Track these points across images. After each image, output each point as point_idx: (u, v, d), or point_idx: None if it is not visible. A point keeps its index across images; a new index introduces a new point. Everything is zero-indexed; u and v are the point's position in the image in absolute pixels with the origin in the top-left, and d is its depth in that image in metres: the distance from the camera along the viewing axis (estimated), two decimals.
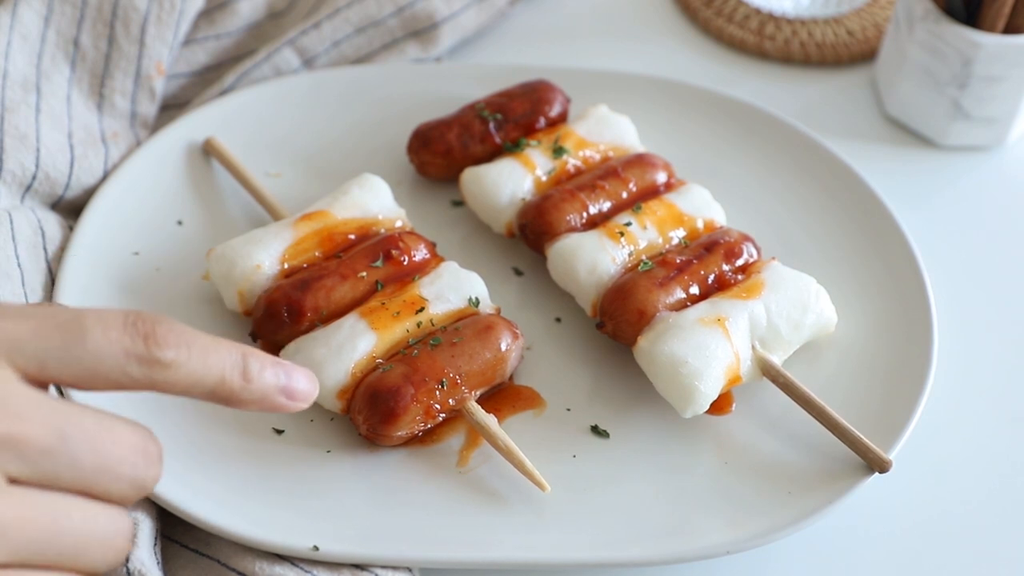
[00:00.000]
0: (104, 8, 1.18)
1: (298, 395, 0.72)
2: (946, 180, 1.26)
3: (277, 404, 0.72)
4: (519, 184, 1.11)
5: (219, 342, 0.69)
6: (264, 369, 0.70)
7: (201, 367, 0.68)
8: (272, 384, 0.71)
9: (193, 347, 0.67)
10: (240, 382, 0.69)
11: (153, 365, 0.66)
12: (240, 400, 0.70)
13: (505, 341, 1.00)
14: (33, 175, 1.10)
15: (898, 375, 1.03)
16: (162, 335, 0.66)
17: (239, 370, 0.69)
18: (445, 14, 1.28)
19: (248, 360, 0.70)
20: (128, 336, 0.66)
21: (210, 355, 0.68)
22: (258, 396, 0.70)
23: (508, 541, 0.94)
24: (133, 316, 0.66)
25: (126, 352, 0.65)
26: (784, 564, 0.97)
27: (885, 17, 1.38)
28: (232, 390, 0.69)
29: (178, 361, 0.67)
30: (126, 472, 0.66)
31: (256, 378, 0.70)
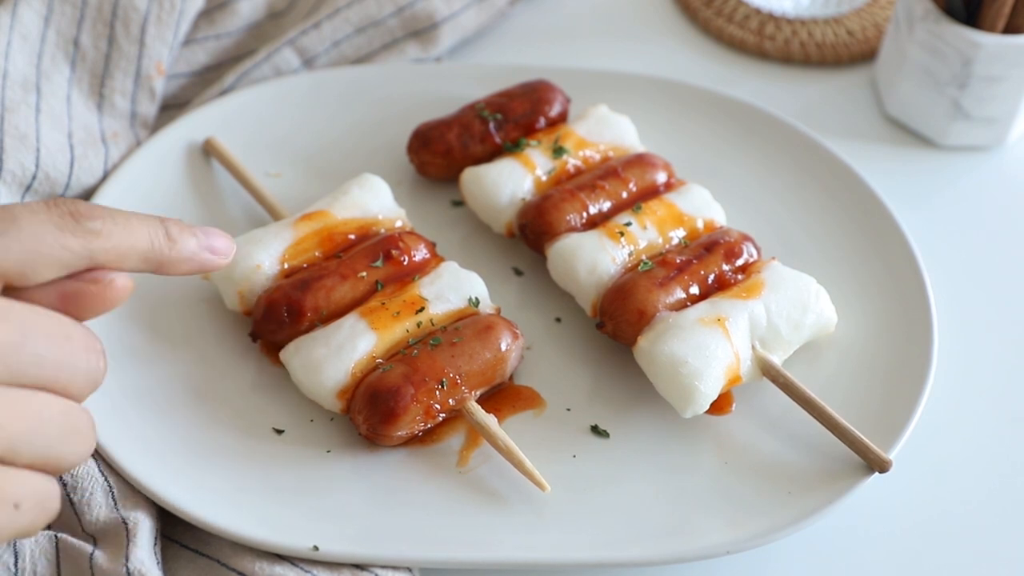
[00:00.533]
0: (104, 8, 1.18)
1: (220, 250, 0.79)
2: (946, 180, 1.26)
3: (204, 260, 0.77)
4: (519, 184, 1.11)
5: (136, 213, 0.74)
6: (183, 231, 0.76)
7: (128, 233, 0.72)
8: (195, 243, 0.77)
9: (116, 217, 0.72)
10: (167, 243, 0.75)
11: (87, 235, 0.70)
12: (171, 261, 0.75)
13: (505, 341, 1.00)
14: (33, 175, 1.10)
15: (898, 375, 1.03)
16: (85, 209, 0.71)
17: (163, 232, 0.75)
18: (445, 14, 1.29)
19: (168, 224, 0.75)
20: (55, 214, 0.70)
21: (132, 223, 0.73)
22: (187, 255, 0.76)
23: (508, 541, 0.94)
24: (54, 200, 0.71)
25: (58, 227, 0.69)
26: (784, 564, 0.97)
27: (885, 17, 1.38)
28: (162, 251, 0.74)
29: (106, 229, 0.71)
30: (82, 366, 0.70)
31: (179, 238, 0.76)
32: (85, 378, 0.70)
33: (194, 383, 1.02)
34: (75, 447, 0.70)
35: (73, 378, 0.69)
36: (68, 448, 0.69)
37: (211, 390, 1.02)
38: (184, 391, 1.02)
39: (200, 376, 1.03)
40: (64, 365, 0.69)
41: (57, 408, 0.68)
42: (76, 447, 0.70)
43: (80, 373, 0.70)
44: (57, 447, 0.68)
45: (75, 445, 0.70)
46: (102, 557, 0.88)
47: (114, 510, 0.92)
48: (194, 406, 1.01)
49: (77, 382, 0.70)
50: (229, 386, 1.02)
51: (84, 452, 0.71)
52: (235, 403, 1.01)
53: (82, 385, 0.70)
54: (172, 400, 1.01)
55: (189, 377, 1.02)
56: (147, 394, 1.01)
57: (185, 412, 1.00)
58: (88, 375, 0.70)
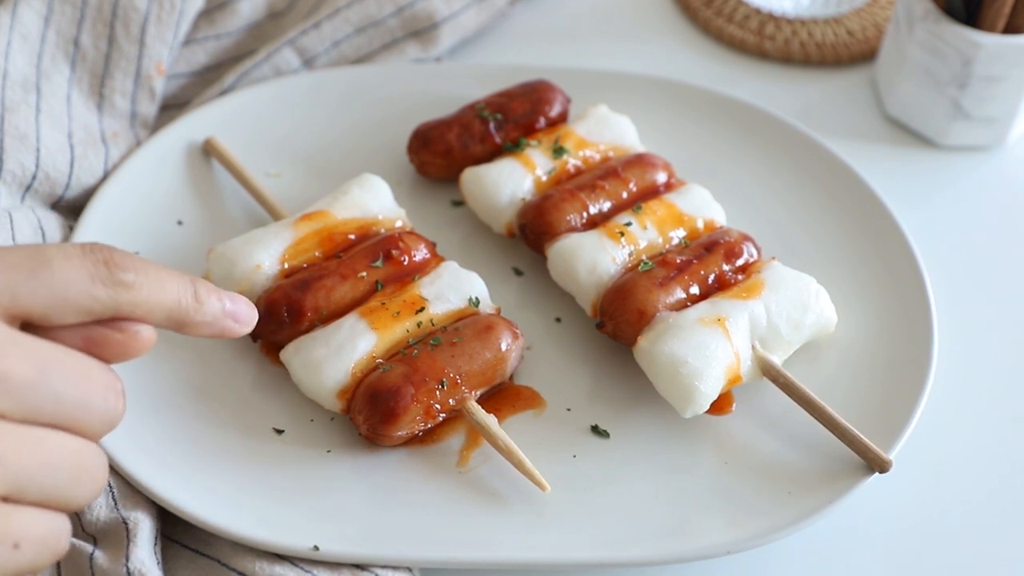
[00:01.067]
0: (104, 8, 1.18)
1: (242, 318, 0.77)
2: (946, 180, 1.26)
3: (226, 327, 0.76)
4: (519, 184, 1.11)
5: (169, 269, 0.73)
6: (211, 294, 0.75)
7: (159, 289, 0.71)
8: (219, 308, 0.76)
9: (149, 271, 0.71)
10: (193, 304, 0.74)
11: (117, 286, 0.69)
12: (194, 323, 0.74)
13: (505, 341, 1.00)
14: (33, 175, 1.10)
15: (898, 375, 1.03)
16: (119, 259, 0.70)
17: (191, 293, 0.74)
18: (445, 14, 1.29)
19: (197, 285, 0.74)
20: (89, 261, 0.69)
21: (164, 279, 0.72)
22: (210, 318, 0.75)
23: (508, 541, 0.94)
24: (90, 245, 0.70)
25: (90, 275, 0.68)
26: (784, 564, 0.97)
27: (885, 17, 1.38)
28: (187, 312, 0.73)
29: (138, 283, 0.70)
30: (99, 406, 0.69)
31: (206, 301, 0.75)
32: (102, 418, 0.70)
33: (194, 383, 1.02)
34: (84, 488, 0.69)
35: (90, 418, 0.69)
36: (77, 489, 0.69)
37: (211, 390, 1.02)
38: (184, 391, 1.02)
39: (200, 376, 1.03)
40: (82, 404, 0.68)
41: (70, 448, 0.68)
42: (85, 488, 0.69)
43: (97, 413, 0.69)
44: (65, 488, 0.68)
45: (84, 486, 0.69)
46: (102, 557, 0.88)
47: (114, 510, 0.92)
48: (194, 406, 1.01)
49: (93, 422, 0.69)
50: (229, 386, 1.02)
51: (93, 493, 0.70)
52: (235, 403, 1.01)
53: (98, 425, 0.70)
54: (172, 400, 1.01)
55: (189, 377, 1.02)
56: (147, 394, 1.01)
57: (185, 412, 1.00)
58: (105, 415, 0.70)
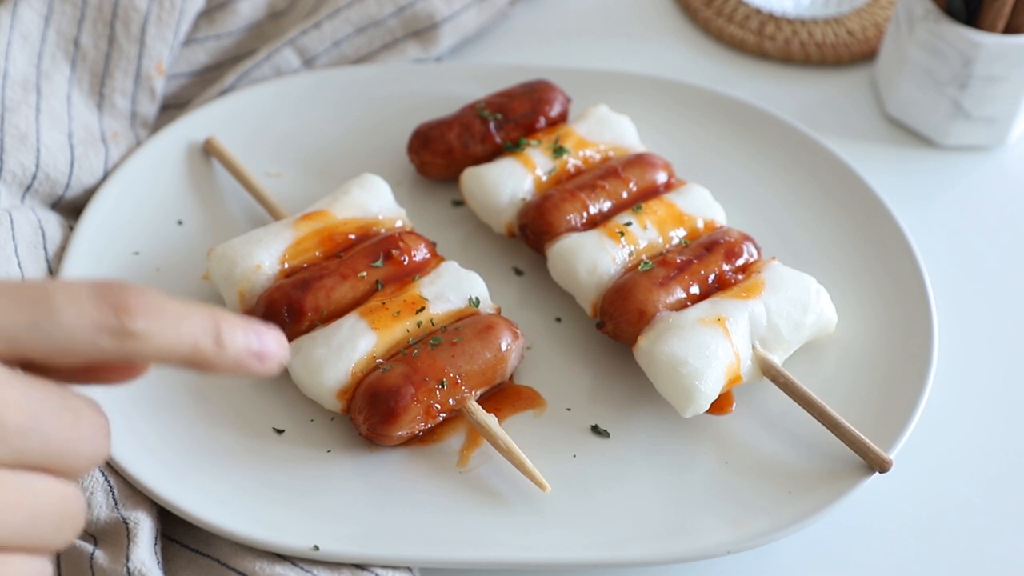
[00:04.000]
0: (104, 8, 1.18)
1: (269, 358, 0.70)
2: (946, 180, 1.26)
3: (249, 368, 0.70)
4: (519, 184, 1.11)
5: (190, 309, 0.67)
6: (236, 334, 0.68)
7: (174, 336, 0.65)
8: (244, 348, 0.69)
9: (165, 316, 0.65)
10: (214, 348, 0.67)
11: (125, 337, 0.64)
12: (214, 366, 0.68)
13: (505, 341, 1.00)
14: (33, 175, 1.10)
15: (898, 375, 1.03)
16: (133, 305, 0.64)
17: (212, 337, 0.67)
18: (445, 14, 1.29)
19: (221, 326, 0.68)
20: (98, 308, 0.63)
21: (182, 323, 0.66)
22: (231, 362, 0.68)
23: (508, 541, 0.94)
24: (101, 287, 0.64)
25: (97, 325, 0.63)
26: (785, 564, 0.97)
27: (885, 17, 1.38)
28: (206, 357, 0.67)
29: (150, 331, 0.64)
30: (87, 450, 0.65)
31: (229, 344, 0.68)
32: (88, 460, 0.66)
33: (194, 383, 1.02)
34: (65, 534, 0.66)
35: (76, 461, 0.66)
36: (59, 535, 0.66)
37: (211, 390, 1.02)
38: (184, 391, 1.02)
39: (200, 376, 1.03)
40: (70, 449, 0.65)
41: (56, 496, 0.65)
42: (66, 534, 0.66)
43: (84, 456, 0.66)
44: (48, 535, 0.65)
45: (66, 532, 0.66)
46: (102, 557, 0.88)
47: (114, 510, 0.92)
48: (194, 406, 1.01)
49: (79, 465, 0.66)
50: (229, 386, 1.02)
51: (73, 537, 0.67)
52: (235, 403, 1.01)
53: (84, 467, 0.66)
54: (172, 400, 1.01)
55: (189, 377, 1.02)
56: (147, 394, 1.01)
57: (185, 412, 1.00)
58: (91, 457, 0.66)
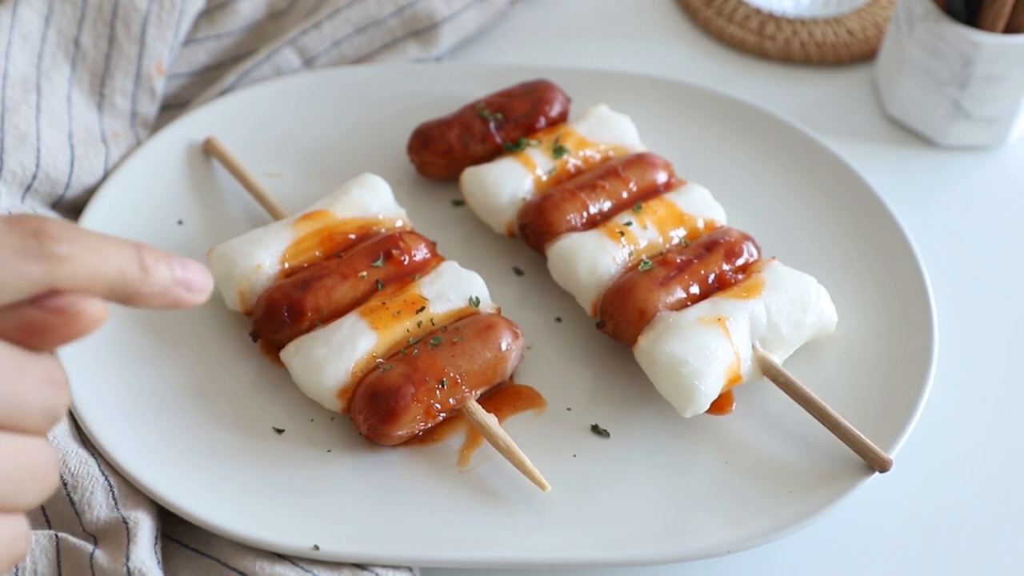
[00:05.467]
0: (104, 8, 1.18)
1: (196, 286, 0.69)
2: (946, 180, 1.26)
3: (178, 297, 0.68)
4: (519, 184, 1.11)
5: (111, 237, 0.66)
6: (160, 262, 0.68)
7: (99, 260, 0.64)
8: (170, 276, 0.68)
9: (86, 240, 0.64)
10: (139, 274, 0.66)
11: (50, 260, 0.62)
12: (141, 294, 0.67)
13: (505, 341, 1.00)
14: (33, 175, 1.10)
15: (898, 375, 1.03)
16: (52, 230, 0.63)
17: (136, 261, 0.66)
18: (445, 14, 1.29)
19: (144, 252, 0.67)
20: (16, 235, 0.62)
21: (105, 247, 0.65)
22: (159, 288, 0.67)
23: (508, 541, 0.93)
24: (17, 216, 0.63)
25: (18, 251, 0.62)
26: (785, 564, 0.97)
27: (885, 17, 1.38)
28: (133, 283, 0.66)
29: (72, 254, 0.63)
30: (36, 402, 0.64)
31: (154, 269, 0.67)
32: (41, 414, 0.64)
33: (194, 383, 1.02)
34: (32, 489, 0.65)
35: (28, 414, 0.64)
36: (24, 491, 0.65)
37: (211, 390, 1.02)
38: (184, 391, 1.02)
39: (200, 376, 1.03)
40: (16, 403, 0.63)
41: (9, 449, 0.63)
42: (33, 489, 0.65)
43: (35, 409, 0.64)
44: (11, 492, 0.64)
45: (31, 487, 0.65)
46: (103, 557, 0.88)
47: (114, 510, 0.92)
48: (194, 406, 1.01)
49: (33, 419, 0.64)
50: (229, 386, 1.02)
51: (42, 492, 0.66)
52: (235, 403, 1.01)
53: (39, 421, 0.64)
54: (172, 400, 1.01)
55: (189, 377, 1.02)
56: (147, 394, 1.01)
57: (185, 412, 1.00)
58: (44, 410, 0.64)
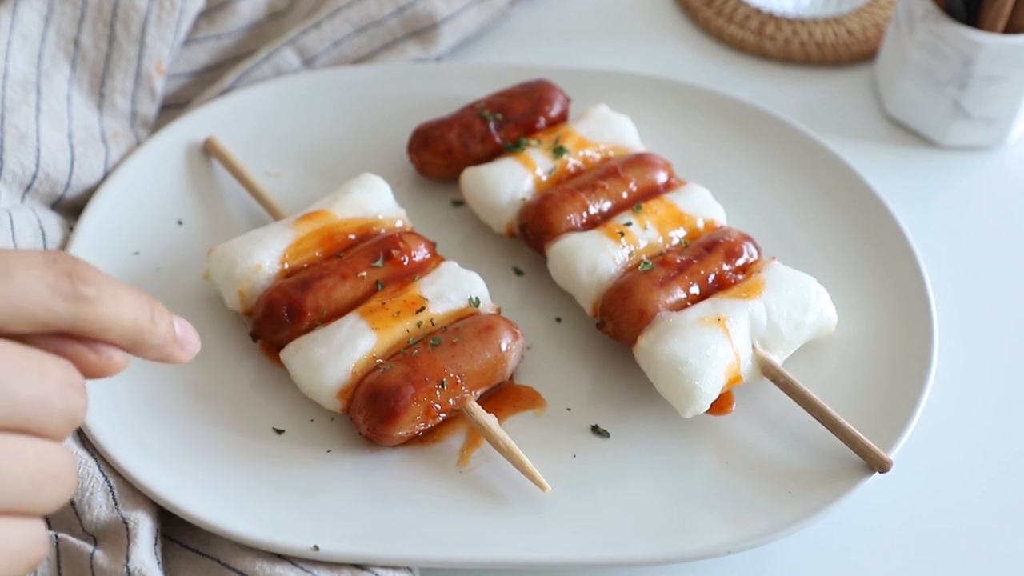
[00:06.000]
0: (104, 8, 1.18)
1: (188, 346, 0.74)
2: (946, 180, 1.26)
3: (171, 353, 0.73)
4: (519, 184, 1.11)
5: (128, 287, 0.70)
6: (164, 317, 0.72)
7: (118, 307, 0.68)
8: (171, 333, 0.73)
9: (111, 287, 0.68)
10: (149, 326, 0.71)
11: (78, 300, 0.66)
12: (145, 345, 0.71)
13: (505, 341, 1.00)
14: (33, 175, 1.10)
15: (898, 375, 1.03)
16: (83, 272, 0.67)
17: (148, 314, 0.71)
18: (445, 14, 1.29)
19: (154, 307, 0.72)
20: (52, 272, 0.66)
21: (123, 298, 0.69)
22: (160, 342, 0.72)
23: (508, 541, 0.94)
24: (53, 254, 0.67)
25: (51, 287, 0.66)
26: (785, 564, 0.97)
27: (885, 17, 1.38)
28: (142, 333, 0.70)
29: (100, 298, 0.67)
30: (58, 404, 0.66)
31: (160, 324, 0.72)
32: (62, 417, 0.66)
33: (194, 383, 1.02)
34: (51, 492, 0.66)
35: (50, 417, 0.66)
36: (43, 494, 0.66)
37: (211, 390, 1.02)
38: (184, 391, 1.02)
39: (200, 376, 1.03)
40: (40, 403, 0.65)
41: (33, 453, 0.65)
42: (52, 492, 0.66)
43: (56, 412, 0.66)
44: (30, 494, 0.65)
45: (50, 490, 0.66)
46: (102, 557, 0.88)
47: (114, 510, 0.92)
48: (194, 406, 1.01)
49: (54, 422, 0.66)
50: (229, 386, 1.02)
51: (61, 497, 0.67)
52: (235, 403, 1.01)
53: (59, 424, 0.66)
54: (172, 400, 1.01)
55: (189, 377, 1.02)
56: (147, 394, 1.01)
57: (185, 412, 1.00)
58: (65, 414, 0.66)
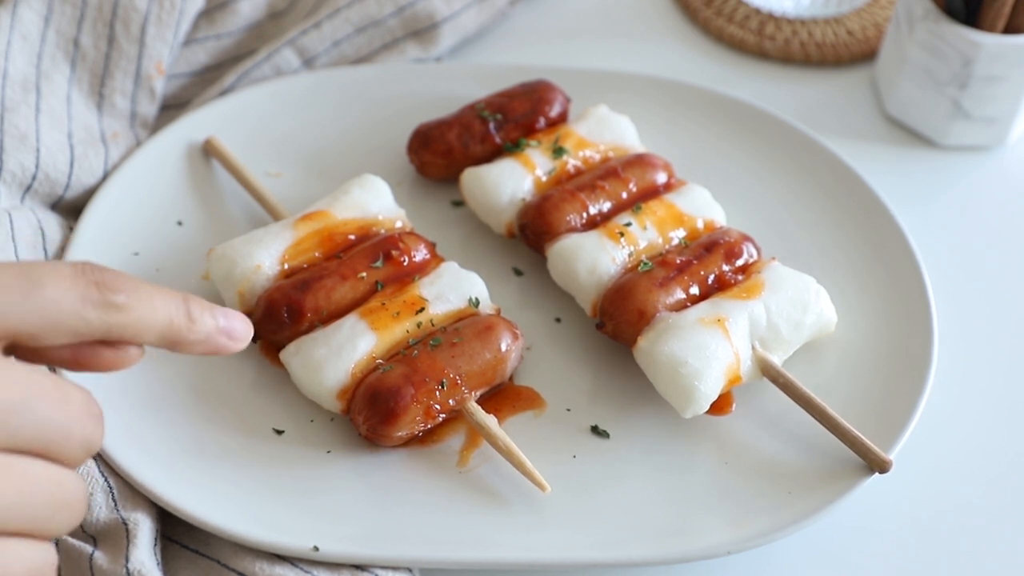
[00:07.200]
0: (104, 8, 1.18)
1: (237, 335, 0.75)
2: (946, 180, 1.26)
3: (220, 345, 0.74)
4: (519, 184, 1.11)
5: (161, 288, 0.72)
6: (204, 312, 0.73)
7: (150, 310, 0.70)
8: (213, 325, 0.74)
9: (140, 292, 0.70)
10: (186, 324, 0.72)
11: (108, 308, 0.68)
12: (187, 341, 0.73)
13: (505, 341, 1.00)
14: (33, 175, 1.10)
15: (898, 375, 1.03)
16: (112, 281, 0.68)
17: (183, 312, 0.72)
18: (445, 14, 1.29)
19: (190, 303, 0.73)
20: (82, 283, 0.67)
21: (156, 299, 0.71)
22: (203, 336, 0.73)
23: (508, 541, 0.94)
24: (82, 265, 0.69)
25: (82, 298, 0.67)
26: (785, 564, 0.97)
27: (885, 17, 1.38)
28: (180, 331, 0.72)
29: (130, 304, 0.69)
30: (78, 432, 0.67)
31: (199, 319, 0.73)
32: (81, 445, 0.68)
33: (194, 383, 1.02)
34: (63, 518, 0.67)
35: (69, 444, 0.67)
36: (56, 519, 0.67)
37: (211, 390, 1.02)
38: (184, 391, 1.02)
39: (200, 376, 1.03)
40: (62, 430, 0.66)
41: (50, 478, 0.66)
42: (64, 518, 0.68)
43: (76, 439, 0.67)
44: (44, 518, 0.66)
45: (63, 515, 0.67)
46: (102, 558, 0.88)
47: (114, 510, 0.92)
48: (194, 406, 1.01)
49: (73, 448, 0.67)
50: (229, 386, 1.02)
51: (72, 522, 0.68)
52: (235, 403, 1.01)
53: (77, 452, 0.68)
54: (172, 400, 1.01)
55: (189, 377, 1.02)
56: (147, 394, 1.01)
57: (185, 412, 1.00)
58: (84, 442, 0.68)
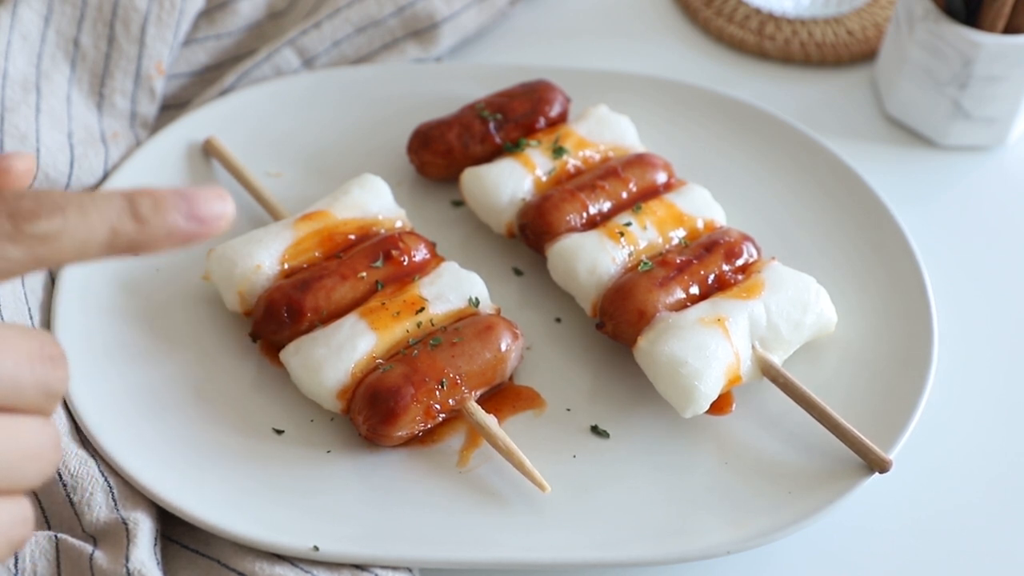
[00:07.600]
0: (104, 8, 1.18)
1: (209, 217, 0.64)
2: (946, 180, 1.26)
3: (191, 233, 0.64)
4: (519, 184, 1.11)
5: (97, 195, 0.62)
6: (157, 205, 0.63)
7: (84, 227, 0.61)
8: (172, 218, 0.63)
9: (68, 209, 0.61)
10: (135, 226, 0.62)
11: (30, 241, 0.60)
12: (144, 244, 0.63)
13: (505, 341, 1.00)
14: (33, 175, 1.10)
15: (898, 375, 1.03)
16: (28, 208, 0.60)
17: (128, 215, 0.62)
18: (445, 14, 1.28)
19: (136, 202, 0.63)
20: None
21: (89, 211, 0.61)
22: (162, 233, 0.63)
23: (508, 541, 0.94)
24: None
25: None
26: (784, 564, 0.97)
27: (885, 17, 1.38)
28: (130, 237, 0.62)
29: (54, 230, 0.60)
30: (28, 378, 0.62)
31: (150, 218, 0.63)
32: (36, 391, 0.62)
33: (194, 383, 1.02)
34: (31, 468, 0.63)
35: (21, 392, 0.61)
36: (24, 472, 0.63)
37: (211, 390, 1.02)
38: (184, 391, 1.02)
39: (200, 376, 1.03)
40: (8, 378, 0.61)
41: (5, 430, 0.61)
42: (32, 468, 0.63)
43: (28, 386, 0.62)
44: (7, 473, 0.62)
45: (32, 467, 0.63)
46: (102, 557, 0.88)
47: (114, 510, 0.92)
48: (194, 406, 1.01)
49: (27, 396, 0.62)
50: (229, 386, 1.02)
51: (44, 472, 0.64)
52: (235, 403, 1.01)
53: (34, 398, 0.62)
54: (172, 400, 1.01)
55: (189, 377, 1.02)
56: (147, 394, 1.01)
57: (185, 412, 1.00)
58: (39, 387, 0.62)
